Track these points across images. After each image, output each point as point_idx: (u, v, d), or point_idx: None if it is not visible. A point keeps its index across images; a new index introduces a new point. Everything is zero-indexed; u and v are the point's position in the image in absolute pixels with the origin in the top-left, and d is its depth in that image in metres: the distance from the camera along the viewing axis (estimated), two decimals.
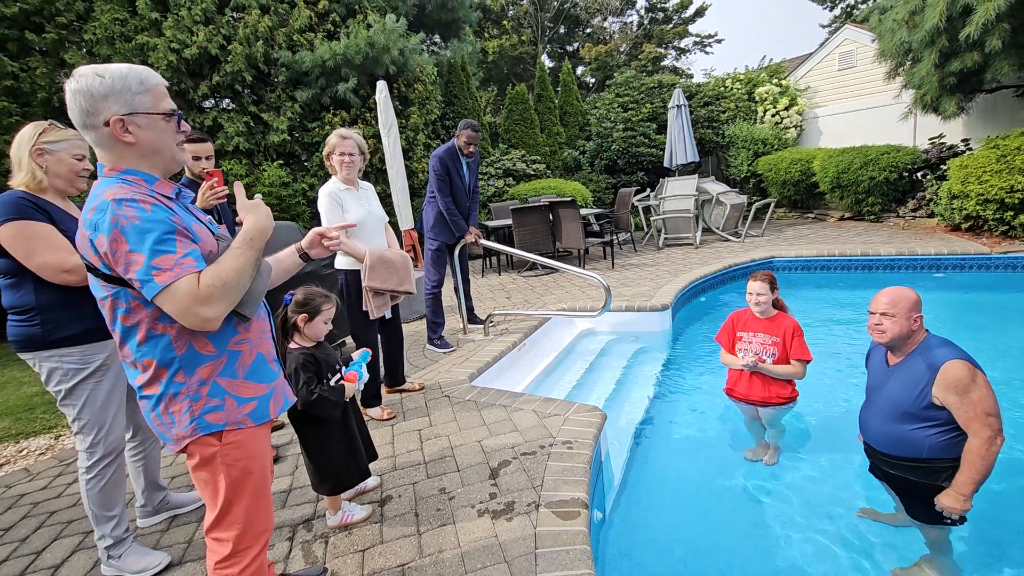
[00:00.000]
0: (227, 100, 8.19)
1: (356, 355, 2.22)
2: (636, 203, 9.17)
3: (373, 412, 3.14)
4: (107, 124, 1.19)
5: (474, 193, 4.43)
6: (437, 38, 12.71)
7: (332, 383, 2.05)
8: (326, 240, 1.65)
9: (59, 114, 6.22)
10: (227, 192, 2.48)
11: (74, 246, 1.86)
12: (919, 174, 8.30)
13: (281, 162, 8.02)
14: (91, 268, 1.21)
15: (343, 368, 2.15)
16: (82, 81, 1.18)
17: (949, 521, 1.99)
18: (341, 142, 2.96)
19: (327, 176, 8.58)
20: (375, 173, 8.37)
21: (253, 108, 7.97)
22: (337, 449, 2.06)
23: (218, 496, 1.32)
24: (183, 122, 1.32)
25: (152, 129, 1.24)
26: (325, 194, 2.94)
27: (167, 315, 1.21)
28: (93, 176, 1.44)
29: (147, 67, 1.28)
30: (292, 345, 2.03)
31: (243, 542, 1.36)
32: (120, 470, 2.00)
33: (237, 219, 1.38)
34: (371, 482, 2.39)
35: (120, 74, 1.20)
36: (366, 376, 2.22)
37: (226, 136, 7.66)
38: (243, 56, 7.48)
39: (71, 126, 1.38)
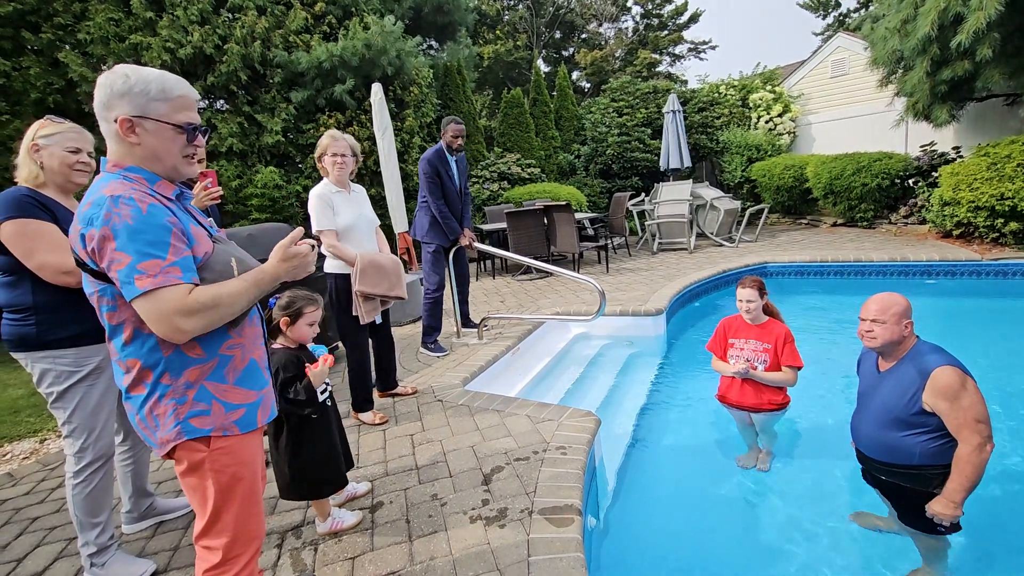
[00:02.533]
0: (221, 101, 8.15)
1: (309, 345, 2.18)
2: (631, 208, 9.19)
3: (365, 416, 3.12)
4: (116, 121, 1.21)
5: (465, 195, 4.42)
6: (433, 41, 12.72)
7: (318, 392, 2.00)
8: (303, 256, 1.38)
9: (52, 114, 6.17)
10: (221, 193, 2.46)
11: None
12: (911, 181, 8.37)
13: (274, 166, 7.98)
14: (80, 263, 1.20)
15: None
16: (109, 76, 1.21)
17: (941, 528, 1.99)
18: (333, 143, 2.95)
19: (320, 178, 8.56)
20: (370, 176, 8.35)
21: (247, 109, 7.93)
22: (315, 455, 2.02)
23: (207, 503, 1.29)
24: (200, 137, 1.31)
25: (159, 137, 1.24)
26: (315, 196, 2.92)
27: None
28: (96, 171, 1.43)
29: (182, 79, 1.29)
30: (276, 345, 2.01)
31: (233, 550, 1.33)
32: (108, 476, 1.96)
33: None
34: (362, 488, 2.37)
35: (145, 79, 1.22)
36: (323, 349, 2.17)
37: (219, 137, 7.62)
38: (239, 56, 7.45)
39: (93, 123, 1.36)
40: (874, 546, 2.23)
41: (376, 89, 5.58)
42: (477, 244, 4.34)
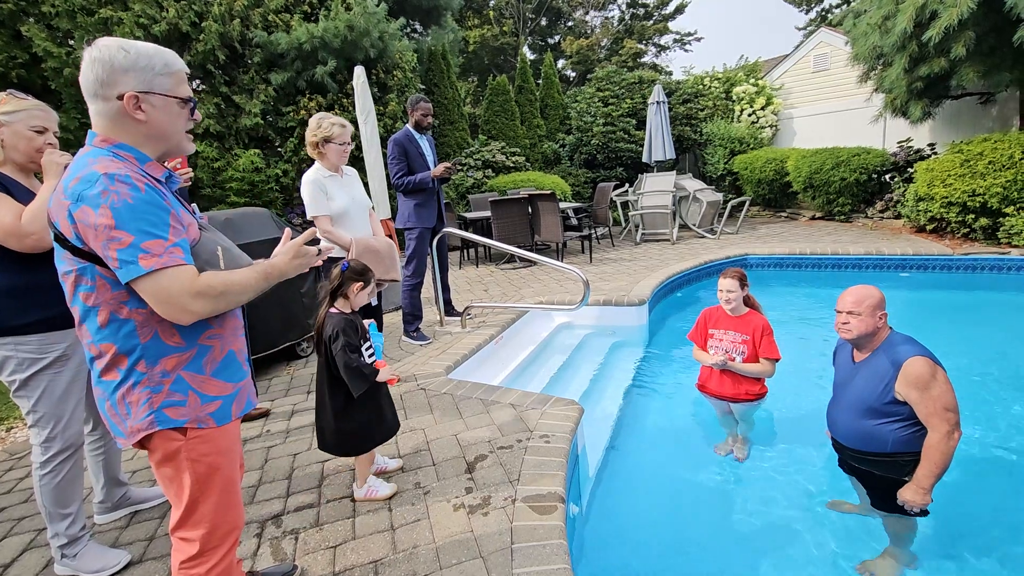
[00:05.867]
0: (197, 80, 7.90)
1: (366, 324, 2.26)
2: (615, 198, 9.21)
3: None
4: (120, 98, 1.15)
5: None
6: (418, 24, 12.49)
7: (364, 353, 2.09)
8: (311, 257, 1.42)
9: (14, 89, 5.89)
10: (191, 175, 2.38)
11: None
12: (887, 176, 8.54)
13: (256, 150, 7.78)
14: (60, 239, 1.14)
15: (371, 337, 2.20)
16: (105, 51, 1.15)
17: (912, 513, 2.06)
18: (342, 131, 2.90)
19: (302, 162, 8.37)
20: (351, 161, 8.19)
21: (225, 89, 7.70)
22: (362, 416, 2.10)
23: (183, 494, 1.26)
24: (196, 111, 1.30)
25: (166, 112, 1.22)
26: (309, 181, 2.88)
27: (135, 299, 1.15)
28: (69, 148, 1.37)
29: (173, 51, 1.26)
30: (332, 310, 2.08)
31: (211, 541, 1.30)
32: (77, 466, 1.90)
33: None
34: (392, 464, 2.41)
35: (146, 53, 1.19)
36: (382, 338, 2.33)
37: None
38: (216, 34, 7.21)
39: (59, 101, 1.31)
40: (845, 530, 2.30)
41: (359, 72, 5.45)
42: (457, 231, 4.30)
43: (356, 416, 2.10)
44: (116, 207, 1.08)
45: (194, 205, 1.44)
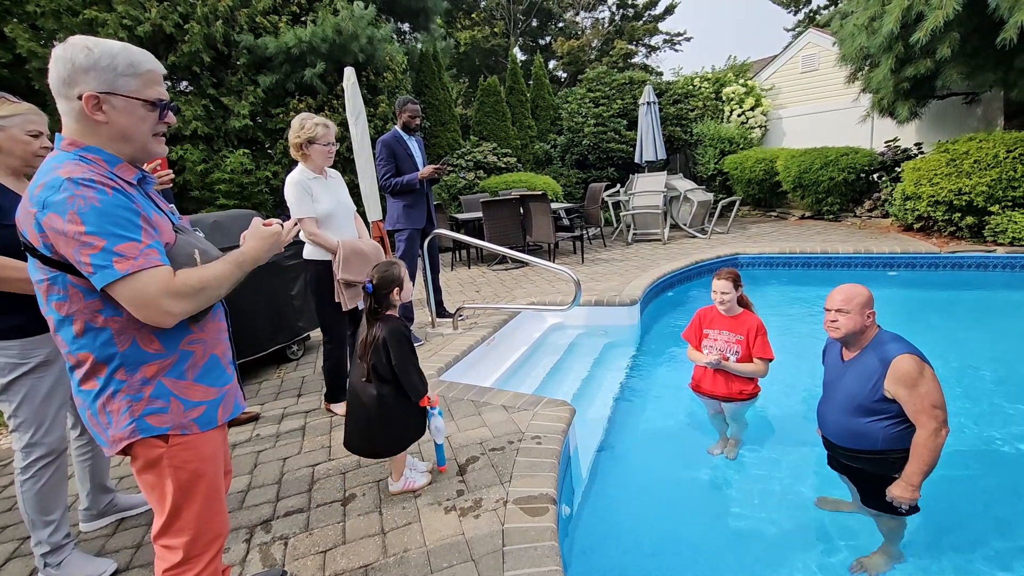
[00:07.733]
0: (184, 82, 7.82)
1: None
2: (606, 198, 9.23)
3: (338, 408, 3.07)
4: (80, 98, 1.12)
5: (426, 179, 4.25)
6: (406, 26, 12.47)
7: None
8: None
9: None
10: (172, 177, 2.34)
11: None
12: (875, 176, 8.63)
13: (245, 150, 7.71)
14: (29, 248, 1.12)
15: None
16: (69, 49, 1.12)
17: (901, 510, 2.08)
18: (326, 131, 2.83)
19: (292, 164, 8.29)
20: (342, 163, 8.14)
21: (212, 91, 7.63)
22: (413, 417, 2.20)
23: (165, 501, 1.24)
24: (169, 113, 1.25)
25: (129, 114, 1.17)
26: (293, 183, 2.81)
27: (110, 307, 1.13)
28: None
29: (147, 52, 1.21)
30: (389, 313, 2.14)
31: (195, 549, 1.28)
32: (61, 472, 1.87)
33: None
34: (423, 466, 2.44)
35: (110, 52, 1.14)
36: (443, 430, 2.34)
37: (183, 120, 7.32)
38: (201, 36, 7.14)
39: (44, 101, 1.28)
40: (836, 528, 2.31)
41: (349, 73, 5.41)
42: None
43: (408, 413, 2.18)
44: (84, 211, 1.06)
45: (172, 206, 1.40)
